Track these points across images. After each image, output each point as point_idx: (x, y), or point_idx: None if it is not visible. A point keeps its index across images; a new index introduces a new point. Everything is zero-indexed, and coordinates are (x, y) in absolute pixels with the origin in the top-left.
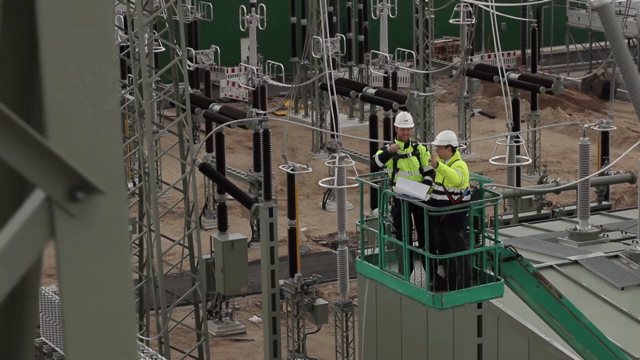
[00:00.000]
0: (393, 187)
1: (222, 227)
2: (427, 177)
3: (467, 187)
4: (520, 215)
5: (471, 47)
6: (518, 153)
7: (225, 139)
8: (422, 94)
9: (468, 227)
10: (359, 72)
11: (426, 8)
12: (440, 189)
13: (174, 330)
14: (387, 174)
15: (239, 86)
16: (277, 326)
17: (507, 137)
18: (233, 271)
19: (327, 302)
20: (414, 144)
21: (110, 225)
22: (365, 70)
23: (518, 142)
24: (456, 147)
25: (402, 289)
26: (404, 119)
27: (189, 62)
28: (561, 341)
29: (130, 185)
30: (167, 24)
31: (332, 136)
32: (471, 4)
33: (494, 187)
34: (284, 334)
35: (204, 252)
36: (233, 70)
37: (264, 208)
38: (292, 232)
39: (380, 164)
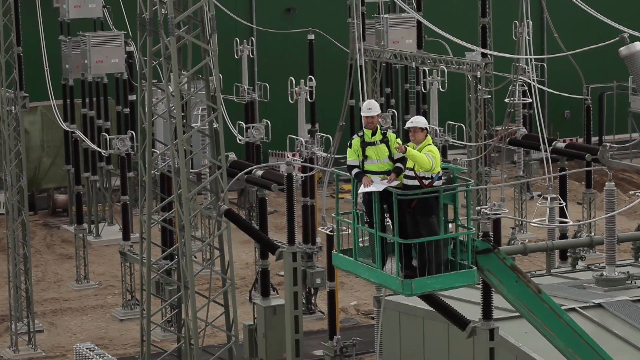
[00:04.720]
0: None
1: (265, 292)
2: (398, 164)
3: (439, 172)
4: (554, 270)
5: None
6: (564, 217)
7: (278, 218)
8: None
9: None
10: None
11: (480, 87)
12: (412, 174)
13: None
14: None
15: (299, 169)
16: None
17: (547, 198)
18: (275, 336)
19: None
20: (383, 132)
21: None
22: None
23: (561, 204)
24: (424, 127)
25: (374, 277)
26: (367, 107)
27: (239, 136)
28: None
29: None
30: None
31: None
32: (528, 84)
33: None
34: None
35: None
36: (294, 155)
37: (287, 253)
38: (332, 295)
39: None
